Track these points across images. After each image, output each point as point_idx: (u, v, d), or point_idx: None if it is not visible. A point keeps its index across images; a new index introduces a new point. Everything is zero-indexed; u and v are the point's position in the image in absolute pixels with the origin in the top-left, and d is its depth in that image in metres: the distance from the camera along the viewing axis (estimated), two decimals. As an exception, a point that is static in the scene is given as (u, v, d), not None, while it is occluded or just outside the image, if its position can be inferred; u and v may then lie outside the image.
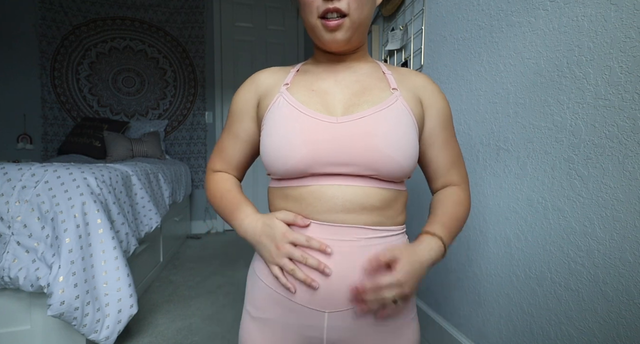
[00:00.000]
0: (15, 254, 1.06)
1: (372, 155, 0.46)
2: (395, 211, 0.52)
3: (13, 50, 2.73)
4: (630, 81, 0.61)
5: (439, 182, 0.58)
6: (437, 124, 0.55)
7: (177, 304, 1.62)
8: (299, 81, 0.55)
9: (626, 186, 0.62)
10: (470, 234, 1.06)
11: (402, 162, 0.48)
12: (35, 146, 2.81)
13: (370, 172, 0.47)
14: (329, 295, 0.47)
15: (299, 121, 0.49)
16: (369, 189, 0.48)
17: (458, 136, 1.11)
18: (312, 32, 0.51)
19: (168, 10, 3.02)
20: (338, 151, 0.46)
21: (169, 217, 2.26)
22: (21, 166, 1.16)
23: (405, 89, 0.53)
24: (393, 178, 0.49)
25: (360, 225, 0.48)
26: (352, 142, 0.46)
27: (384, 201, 0.49)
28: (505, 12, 0.90)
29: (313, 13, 0.48)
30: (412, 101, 0.52)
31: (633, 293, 0.61)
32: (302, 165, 0.47)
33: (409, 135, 0.49)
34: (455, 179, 0.58)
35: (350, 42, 0.51)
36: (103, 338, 1.12)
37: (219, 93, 3.18)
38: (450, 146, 0.57)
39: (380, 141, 0.46)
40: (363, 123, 0.47)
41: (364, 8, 0.48)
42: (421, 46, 1.32)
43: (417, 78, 0.56)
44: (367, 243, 0.48)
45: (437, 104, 0.54)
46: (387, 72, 0.55)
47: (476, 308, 1.04)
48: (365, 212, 0.48)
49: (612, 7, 0.64)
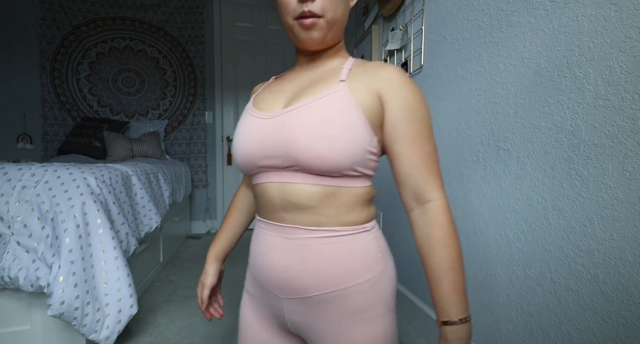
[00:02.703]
0: (15, 254, 1.06)
1: (291, 146, 0.47)
2: (338, 209, 0.49)
3: (13, 50, 2.73)
4: (630, 81, 0.61)
5: (409, 191, 0.50)
6: (400, 117, 0.49)
7: (177, 304, 1.62)
8: (268, 87, 0.61)
9: (626, 186, 0.62)
10: (470, 234, 1.06)
11: (329, 154, 0.45)
12: (35, 146, 2.81)
13: (292, 164, 0.48)
14: (281, 284, 0.52)
15: (243, 123, 0.55)
16: (300, 186, 0.49)
17: (458, 135, 1.11)
18: (290, 32, 0.53)
19: (168, 10, 3.02)
20: (266, 144, 0.50)
21: (169, 217, 2.26)
22: (21, 166, 1.16)
23: (359, 81, 0.50)
24: (324, 172, 0.47)
25: (297, 225, 0.50)
26: (275, 135, 0.49)
27: (315, 200, 0.49)
28: (505, 12, 0.90)
29: (290, 14, 0.51)
30: (363, 93, 0.49)
31: (633, 293, 0.61)
32: (245, 162, 0.53)
33: (343, 125, 0.46)
34: (427, 190, 0.49)
35: (326, 41, 0.54)
36: (103, 338, 1.12)
37: (219, 93, 3.18)
38: (419, 143, 0.49)
39: (299, 132, 0.46)
40: (289, 115, 0.49)
41: (337, 9, 0.51)
42: (421, 46, 1.32)
43: (383, 70, 0.51)
44: (306, 243, 0.50)
45: (401, 96, 0.49)
46: (345, 67, 0.53)
47: (476, 308, 1.04)
48: (299, 212, 0.50)
49: (612, 7, 0.64)
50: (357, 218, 0.51)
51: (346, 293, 0.50)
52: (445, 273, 0.46)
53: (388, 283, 0.53)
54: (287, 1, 0.50)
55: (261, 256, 0.54)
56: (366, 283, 0.50)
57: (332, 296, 0.50)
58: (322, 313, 0.51)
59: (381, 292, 0.52)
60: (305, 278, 0.50)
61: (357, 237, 0.51)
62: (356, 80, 0.51)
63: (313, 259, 0.49)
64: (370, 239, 0.52)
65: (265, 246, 0.53)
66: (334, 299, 0.50)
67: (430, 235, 0.48)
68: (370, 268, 0.51)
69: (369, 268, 0.51)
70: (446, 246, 0.47)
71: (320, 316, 0.51)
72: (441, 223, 0.48)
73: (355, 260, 0.50)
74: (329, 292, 0.49)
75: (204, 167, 3.19)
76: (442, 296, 0.46)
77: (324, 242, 0.50)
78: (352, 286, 0.50)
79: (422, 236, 0.49)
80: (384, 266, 0.53)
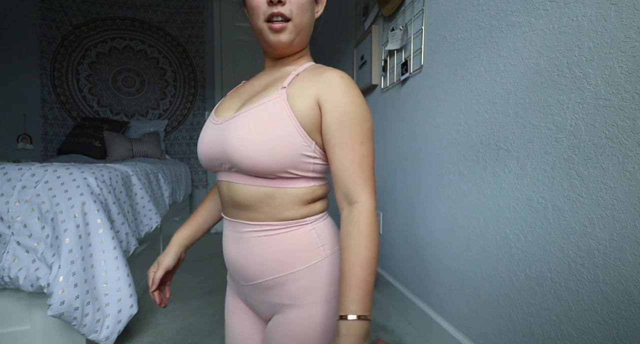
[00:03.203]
0: (15, 254, 1.06)
1: (228, 150, 0.52)
2: (274, 208, 0.53)
3: (13, 50, 2.73)
4: (630, 81, 0.61)
5: (340, 192, 0.53)
6: (332, 120, 0.51)
7: (177, 304, 1.62)
8: (234, 92, 0.65)
9: (626, 186, 0.62)
10: (470, 234, 1.06)
11: (259, 158, 0.49)
12: (35, 146, 2.82)
13: (232, 166, 0.53)
14: (237, 272, 0.59)
15: (204, 127, 0.61)
16: (240, 186, 0.54)
17: (458, 135, 1.11)
18: (260, 35, 0.56)
19: (168, 10, 3.02)
20: (213, 148, 0.55)
21: (169, 217, 2.26)
22: (21, 166, 1.16)
23: (301, 86, 0.53)
24: (258, 174, 0.51)
25: (241, 220, 0.56)
26: (218, 140, 0.54)
27: (252, 199, 0.54)
28: (505, 12, 0.90)
29: (260, 17, 0.53)
30: (300, 98, 0.51)
31: (633, 293, 0.61)
32: (203, 163, 0.59)
33: (274, 131, 0.49)
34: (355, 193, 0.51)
35: (293, 45, 0.57)
36: (103, 338, 1.12)
37: (219, 93, 3.18)
38: (350, 147, 0.51)
39: (234, 138, 0.51)
40: (232, 121, 0.53)
41: (304, 15, 0.55)
42: (421, 46, 1.32)
43: (325, 74, 0.52)
44: (249, 236, 0.56)
45: (335, 101, 0.51)
46: (294, 73, 0.56)
47: (476, 308, 1.04)
48: (241, 209, 0.56)
49: (612, 7, 0.64)
50: (294, 215, 0.54)
51: (285, 280, 0.55)
52: (354, 269, 0.48)
53: (329, 270, 0.55)
54: (257, 5, 0.53)
55: (224, 248, 0.61)
56: (303, 270, 0.54)
57: (273, 283, 0.55)
58: (269, 297, 0.57)
59: (319, 279, 0.55)
60: (251, 267, 0.56)
61: (294, 230, 0.55)
62: (298, 86, 0.53)
63: (256, 250, 0.55)
64: (308, 231, 0.55)
65: (225, 238, 0.61)
66: (275, 286, 0.55)
67: (349, 233, 0.50)
68: (307, 257, 0.55)
69: (306, 257, 0.55)
70: (360, 246, 0.49)
71: (267, 300, 0.57)
72: (361, 224, 0.50)
73: (292, 250, 0.54)
74: (271, 279, 0.55)
75: (204, 167, 3.19)
76: (347, 291, 0.47)
77: (263, 235, 0.55)
78: (289, 273, 0.54)
79: (343, 233, 0.51)
80: (324, 254, 0.56)
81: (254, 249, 0.55)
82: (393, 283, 1.59)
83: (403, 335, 1.34)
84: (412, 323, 1.41)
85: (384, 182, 1.70)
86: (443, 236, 1.21)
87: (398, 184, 1.54)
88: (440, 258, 1.22)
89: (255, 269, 0.56)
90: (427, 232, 1.31)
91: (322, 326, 0.54)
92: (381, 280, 1.72)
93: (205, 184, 3.21)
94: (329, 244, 0.57)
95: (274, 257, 0.55)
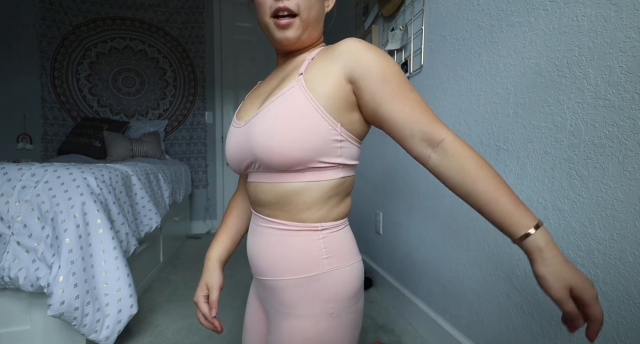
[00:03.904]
0: (15, 254, 1.06)
1: (253, 148, 0.51)
2: (298, 206, 0.52)
3: (13, 50, 2.73)
4: (630, 81, 0.61)
5: (417, 141, 0.48)
6: (373, 82, 0.48)
7: (177, 304, 1.62)
8: (252, 93, 0.64)
9: (626, 186, 0.62)
10: (470, 234, 1.06)
11: (283, 150, 0.48)
12: (35, 146, 2.82)
13: (260, 164, 0.52)
14: (251, 263, 0.59)
15: (228, 132, 0.61)
16: (268, 186, 0.53)
17: (458, 135, 1.11)
18: (267, 31, 0.55)
19: (168, 10, 3.02)
20: (241, 151, 0.55)
21: (169, 217, 2.26)
22: (21, 166, 1.16)
23: (319, 68, 0.51)
24: (287, 166, 0.49)
25: (262, 215, 0.56)
26: (244, 141, 0.53)
27: (277, 197, 0.53)
28: (505, 12, 0.90)
29: (266, 12, 0.52)
30: (322, 79, 0.49)
31: (633, 293, 0.61)
32: (232, 167, 0.59)
33: (295, 118, 0.48)
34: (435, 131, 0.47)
35: (301, 41, 0.55)
36: (103, 338, 1.12)
37: (219, 93, 3.18)
38: (404, 97, 0.48)
39: (258, 134, 0.50)
40: (254, 121, 0.52)
41: (312, 9, 0.53)
42: (421, 46, 1.32)
43: (340, 47, 0.50)
44: (264, 231, 0.56)
45: (365, 65, 0.48)
46: (308, 58, 0.54)
47: (476, 308, 1.04)
48: (268, 207, 0.55)
49: (612, 7, 0.64)
50: (310, 216, 0.52)
51: (283, 285, 0.53)
52: (499, 190, 0.43)
53: (330, 285, 0.52)
54: (263, 0, 0.52)
55: (247, 236, 0.62)
56: (301, 279, 0.52)
57: (272, 285, 0.54)
58: (271, 299, 0.56)
59: (317, 292, 0.51)
60: (260, 262, 0.56)
61: (302, 234, 0.52)
62: (315, 68, 0.51)
63: (265, 246, 0.55)
64: (317, 240, 0.52)
65: (250, 228, 0.62)
66: (275, 288, 0.54)
67: (464, 167, 0.45)
68: (308, 267, 0.52)
69: (308, 267, 0.52)
70: (485, 167, 0.45)
71: (269, 300, 0.56)
72: (467, 152, 0.46)
73: (295, 256, 0.52)
74: (274, 280, 0.54)
75: (204, 167, 3.19)
76: (509, 212, 0.42)
77: (273, 233, 0.54)
78: (288, 279, 0.52)
79: (456, 172, 0.46)
80: (328, 268, 0.52)
81: (264, 245, 0.55)
82: (393, 283, 1.59)
83: (403, 335, 1.34)
84: (412, 323, 1.41)
85: (384, 182, 1.70)
86: (443, 236, 1.21)
87: (398, 184, 1.54)
88: (440, 258, 1.22)
89: (261, 266, 0.56)
90: (427, 232, 1.31)
91: (317, 341, 0.51)
92: (381, 280, 1.72)
93: (206, 184, 3.21)
94: (336, 258, 0.53)
95: (278, 259, 0.53)
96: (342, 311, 0.52)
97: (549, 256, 0.41)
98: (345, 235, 0.55)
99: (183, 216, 2.81)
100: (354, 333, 0.55)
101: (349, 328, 0.53)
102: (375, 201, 1.82)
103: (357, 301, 0.54)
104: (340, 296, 0.52)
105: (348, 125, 0.51)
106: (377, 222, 1.77)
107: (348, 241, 0.56)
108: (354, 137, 0.52)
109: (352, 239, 0.57)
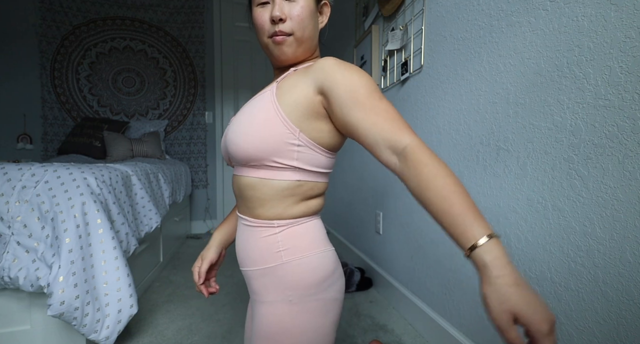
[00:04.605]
0: (15, 254, 1.06)
1: (227, 142, 0.59)
2: (254, 202, 0.58)
3: (13, 50, 2.73)
4: (630, 81, 0.61)
5: (384, 150, 0.48)
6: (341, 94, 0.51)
7: (177, 304, 1.62)
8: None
9: (626, 186, 0.62)
10: (470, 234, 1.06)
11: (243, 145, 0.55)
12: (35, 146, 2.81)
13: (231, 156, 0.60)
14: (237, 257, 0.65)
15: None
16: (235, 177, 0.61)
17: (458, 135, 1.11)
18: (266, 49, 0.62)
19: (168, 10, 3.02)
20: (223, 147, 0.64)
21: (169, 217, 2.26)
22: (21, 166, 1.16)
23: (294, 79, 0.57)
24: (247, 161, 0.56)
25: (239, 213, 0.63)
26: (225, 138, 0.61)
27: (241, 190, 0.60)
28: (505, 12, 0.90)
29: (265, 34, 0.60)
30: (292, 88, 0.55)
31: (633, 293, 0.61)
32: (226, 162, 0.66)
33: (257, 119, 0.55)
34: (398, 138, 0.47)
35: (296, 56, 0.61)
36: (103, 338, 1.12)
37: (219, 93, 3.18)
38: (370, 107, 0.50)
39: (231, 132, 0.58)
40: (232, 121, 0.61)
41: (305, 29, 0.59)
42: (421, 46, 1.32)
43: (318, 64, 0.54)
44: (239, 227, 0.64)
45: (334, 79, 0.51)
46: (291, 70, 0.61)
47: (476, 308, 1.04)
48: (238, 201, 0.63)
49: (612, 7, 0.64)
50: (264, 213, 0.57)
51: (252, 274, 0.60)
52: (448, 199, 0.41)
53: (290, 275, 0.56)
54: (262, 23, 0.59)
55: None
56: (263, 270, 0.58)
57: (247, 274, 0.61)
58: (248, 285, 0.63)
59: (279, 280, 0.56)
60: (240, 253, 0.62)
61: (260, 230, 0.58)
62: (292, 79, 0.57)
63: (242, 240, 0.62)
64: (272, 235, 0.57)
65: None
66: (248, 277, 0.61)
67: (419, 174, 0.44)
68: (266, 259, 0.57)
69: (266, 259, 0.57)
70: (440, 176, 0.43)
71: (248, 288, 0.63)
72: (425, 160, 0.44)
73: (256, 248, 0.58)
74: (246, 270, 0.61)
75: (204, 167, 3.19)
76: (455, 222, 0.40)
77: (244, 228, 0.61)
78: (253, 269, 0.59)
79: (413, 180, 0.45)
80: (286, 259, 0.57)
81: (242, 238, 0.62)
82: (393, 283, 1.59)
83: (403, 335, 1.34)
84: (412, 323, 1.41)
85: (384, 182, 1.70)
86: (443, 236, 1.21)
87: (398, 184, 1.54)
88: (440, 258, 1.22)
89: (240, 256, 0.63)
90: (427, 232, 1.31)
91: (280, 325, 0.55)
92: (381, 280, 1.72)
93: (206, 184, 3.21)
94: (293, 250, 0.56)
95: (248, 251, 0.60)
96: (302, 298, 0.56)
97: (494, 275, 0.37)
98: (307, 229, 0.58)
99: (183, 216, 2.81)
100: (323, 320, 0.57)
101: (314, 315, 0.56)
102: (375, 201, 1.82)
103: (325, 289, 0.57)
104: (301, 284, 0.56)
105: (310, 132, 0.55)
106: (377, 222, 1.77)
107: (310, 234, 0.58)
108: (316, 145, 0.56)
109: (315, 232, 0.59)
